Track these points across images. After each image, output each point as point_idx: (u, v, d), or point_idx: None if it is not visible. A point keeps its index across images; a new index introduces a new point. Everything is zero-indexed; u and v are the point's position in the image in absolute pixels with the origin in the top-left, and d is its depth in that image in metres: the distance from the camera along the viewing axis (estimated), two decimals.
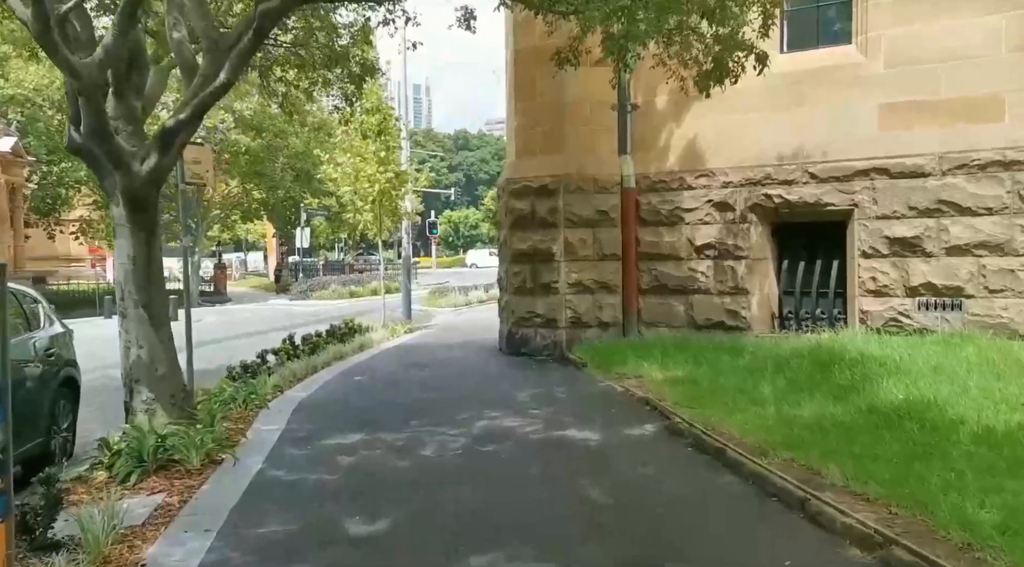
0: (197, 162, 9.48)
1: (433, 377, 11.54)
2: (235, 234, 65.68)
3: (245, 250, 74.24)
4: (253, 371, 11.12)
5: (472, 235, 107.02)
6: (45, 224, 35.64)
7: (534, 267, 12.69)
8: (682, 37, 8.80)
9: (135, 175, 7.21)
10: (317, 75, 12.08)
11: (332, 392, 10.64)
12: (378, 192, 19.24)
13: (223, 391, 9.62)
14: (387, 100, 20.12)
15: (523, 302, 12.84)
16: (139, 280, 7.58)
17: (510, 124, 13.63)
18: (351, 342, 15.79)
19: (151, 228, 7.64)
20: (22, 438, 6.64)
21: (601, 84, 12.03)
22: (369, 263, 61.17)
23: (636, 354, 10.88)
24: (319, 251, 69.35)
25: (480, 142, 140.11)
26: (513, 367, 12.11)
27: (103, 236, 40.31)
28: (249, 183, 42.45)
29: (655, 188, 12.40)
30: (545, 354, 12.61)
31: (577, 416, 8.28)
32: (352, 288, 37.41)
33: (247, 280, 58.42)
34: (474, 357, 13.46)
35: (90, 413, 8.94)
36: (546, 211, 12.57)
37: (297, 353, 13.18)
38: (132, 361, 7.70)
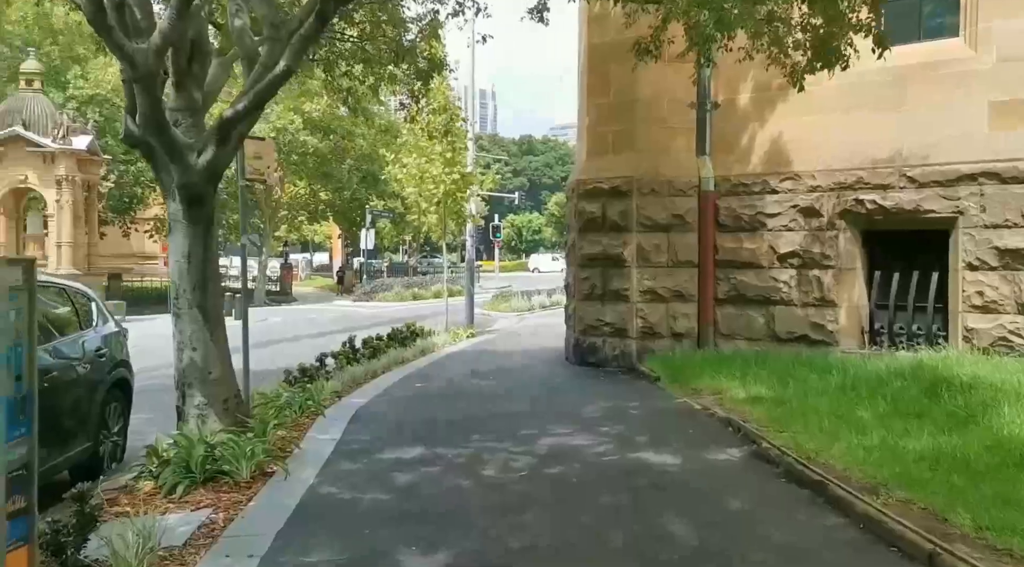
0: (258, 157, 9.14)
1: (496, 386, 11.01)
2: (302, 235, 66.71)
3: (312, 251, 75.22)
4: (311, 375, 10.77)
5: (535, 240, 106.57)
6: (121, 222, 36.53)
7: (604, 273, 12.06)
8: (774, 26, 8.10)
9: (191, 168, 6.86)
10: (383, 71, 11.71)
11: (391, 400, 10.20)
12: (443, 193, 18.87)
13: (279, 396, 9.26)
14: (454, 101, 19.71)
15: (592, 309, 12.21)
16: (194, 278, 7.24)
17: (581, 123, 13.03)
18: (412, 346, 15.41)
19: (207, 224, 7.29)
20: (69, 443, 6.35)
21: (679, 81, 11.40)
22: (432, 266, 61.23)
23: (713, 368, 10.15)
24: (383, 253, 69.80)
25: (545, 147, 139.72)
26: (580, 378, 11.49)
27: None
28: (316, 184, 42.85)
29: (735, 191, 11.64)
30: (614, 365, 11.96)
31: (652, 436, 7.63)
32: (415, 291, 37.27)
33: (312, 280, 59.00)
34: (538, 366, 12.88)
35: (148, 415, 8.68)
36: (617, 214, 11.92)
37: (357, 357, 12.82)
38: (185, 363, 7.36)
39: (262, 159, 9.23)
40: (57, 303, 6.76)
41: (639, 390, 10.35)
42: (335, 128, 40.30)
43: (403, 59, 11.55)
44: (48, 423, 6.06)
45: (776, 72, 10.64)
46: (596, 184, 12.13)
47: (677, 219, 11.82)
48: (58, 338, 6.42)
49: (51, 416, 6.04)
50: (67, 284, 7.27)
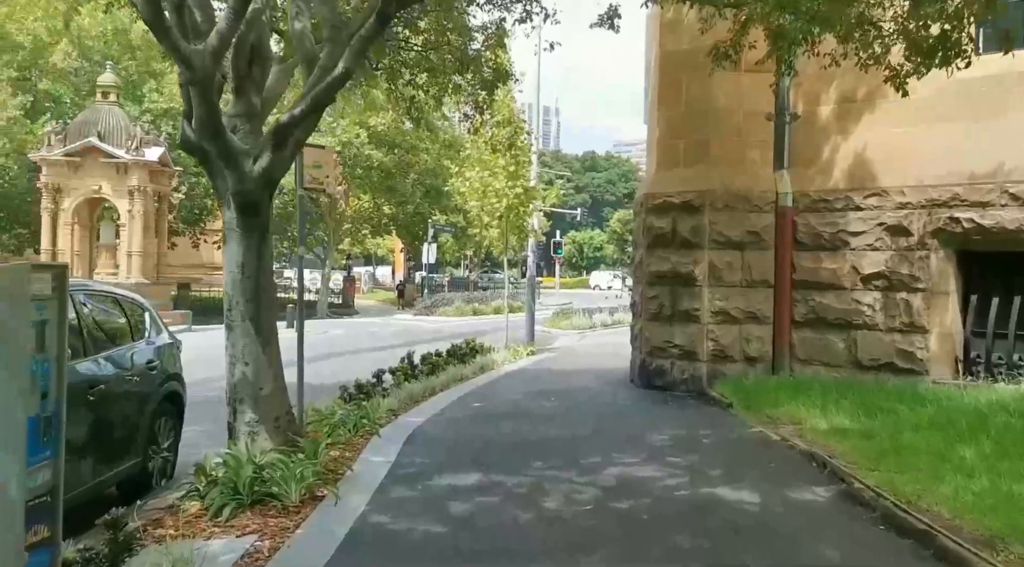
0: (318, 166, 8.91)
1: (558, 408, 10.53)
2: (365, 248, 67.39)
3: (375, 264, 75.97)
4: (367, 392, 10.47)
5: (596, 257, 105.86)
6: (191, 233, 37.31)
7: (673, 292, 11.50)
8: (866, 29, 7.51)
9: (246, 175, 6.61)
10: (447, 80, 11.45)
11: (449, 419, 9.81)
12: (505, 208, 18.52)
13: (333, 413, 8.96)
14: (518, 114, 19.40)
15: (659, 330, 11.65)
16: (247, 290, 6.98)
17: (651, 135, 12.53)
18: (472, 363, 15.05)
19: (262, 234, 7.04)
20: (117, 458, 6.12)
21: (755, 91, 10.84)
22: (493, 281, 61.05)
23: (791, 396, 9.49)
24: (445, 267, 70.01)
25: (608, 164, 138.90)
26: (647, 402, 10.93)
27: None
28: (380, 198, 43.12)
29: (815, 208, 10.97)
30: (682, 389, 11.36)
31: (728, 469, 7.05)
32: (475, 306, 37.06)
33: (374, 294, 59.45)
34: (602, 387, 12.35)
35: (205, 427, 8.48)
36: (689, 230, 11.36)
37: (415, 373, 12.50)
38: (237, 378, 7.10)
39: (322, 168, 8.99)
40: (109, 312, 6.57)
41: (710, 416, 9.74)
42: (400, 142, 40.51)
43: (467, 68, 11.27)
44: (96, 437, 5.86)
45: (861, 80, 10.08)
46: (666, 198, 11.60)
47: (752, 236, 11.20)
48: (108, 349, 6.21)
49: (99, 430, 5.83)
50: (120, 293, 7.09)
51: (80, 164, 25.07)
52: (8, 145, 29.55)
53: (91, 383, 5.70)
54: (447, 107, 39.06)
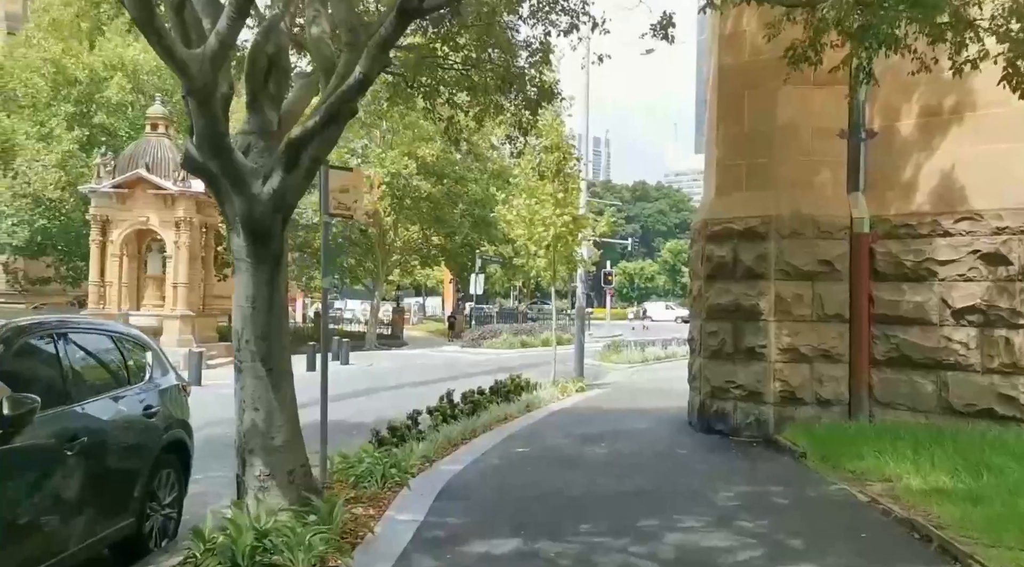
0: (344, 191, 8.18)
1: (608, 456, 9.52)
2: (415, 279, 67.21)
3: (424, 295, 75.81)
4: (401, 435, 9.63)
5: (647, 287, 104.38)
6: None
7: (736, 327, 10.46)
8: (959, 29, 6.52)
9: (255, 197, 5.89)
10: (488, 100, 10.71)
11: (488, 467, 8.89)
12: (553, 237, 17.66)
13: (360, 461, 8.13)
14: (567, 139, 18.62)
15: (720, 369, 10.59)
16: (258, 327, 6.23)
17: (709, 157, 11.58)
18: (516, 401, 14.13)
19: (274, 264, 6.29)
20: (102, 521, 5.34)
21: (826, 106, 9.88)
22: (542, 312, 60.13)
23: (874, 446, 8.36)
24: (495, 298, 69.33)
25: (659, 193, 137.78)
26: (708, 450, 9.85)
27: (293, 276, 41.88)
28: (428, 228, 42.79)
29: (896, 234, 9.86)
30: (747, 434, 10.26)
31: (812, 539, 5.99)
32: (523, 338, 36.16)
33: (424, 325, 59.02)
34: (657, 431, 11.30)
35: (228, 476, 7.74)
36: (752, 259, 10.34)
37: (455, 413, 11.64)
38: (246, 426, 6.32)
39: (349, 192, 8.26)
40: (101, 353, 5.85)
41: (781, 468, 8.63)
42: (448, 173, 40.20)
43: (510, 87, 10.52)
44: (77, 496, 5.13)
45: (948, 91, 9.03)
46: (727, 224, 10.60)
47: (824, 265, 10.12)
48: (96, 395, 5.47)
49: (80, 488, 5.07)
50: (117, 329, 6.36)
51: (128, 195, 25.02)
52: (64, 178, 29.87)
53: (70, 435, 4.95)
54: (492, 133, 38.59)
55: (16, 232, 30.27)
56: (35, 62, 33.54)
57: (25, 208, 30.33)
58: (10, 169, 30.27)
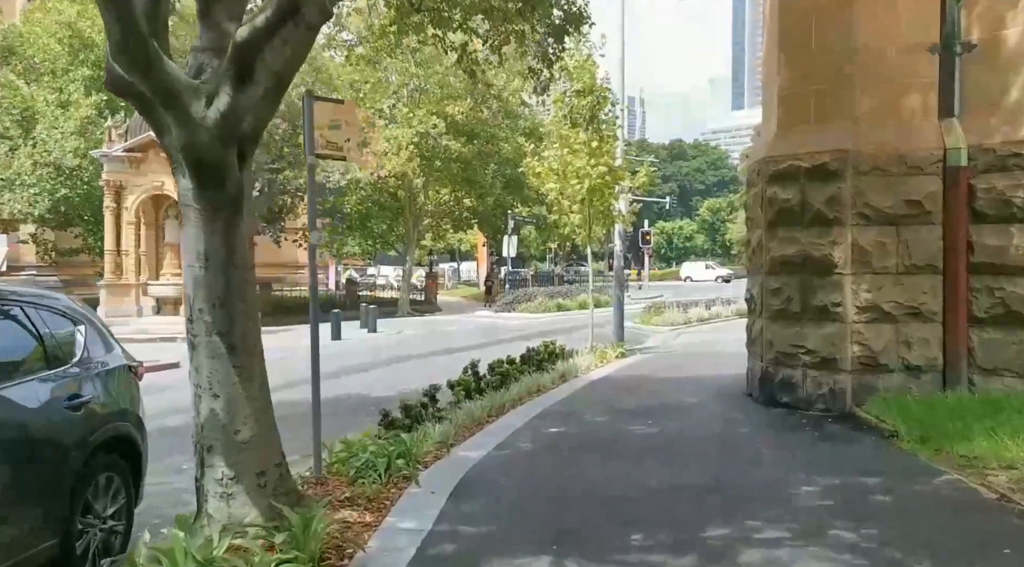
0: (335, 126, 6.77)
1: (657, 438, 8.08)
2: (448, 243, 65.98)
3: (459, 259, 74.78)
4: (416, 415, 8.34)
5: (686, 247, 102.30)
6: (271, 231, 36.37)
7: (804, 282, 8.91)
8: None
9: (196, 123, 4.51)
10: (507, 28, 9.19)
11: (514, 455, 7.53)
12: (588, 190, 16.12)
13: (364, 449, 6.84)
14: (602, 82, 16.95)
15: (785, 331, 9.08)
16: (213, 292, 4.90)
17: (770, 85, 9.91)
18: (551, 370, 12.79)
19: (232, 212, 4.93)
20: (7, 546, 4.11)
21: (912, 18, 8.21)
22: (579, 274, 58.61)
23: (984, 423, 6.85)
24: (530, 261, 67.89)
25: (696, 152, 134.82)
26: (776, 428, 8.35)
27: (324, 243, 40.83)
28: (460, 190, 41.40)
29: (1002, 165, 8.19)
30: (819, 407, 8.77)
31: (940, 558, 4.53)
32: (559, 301, 34.75)
33: (458, 290, 58.05)
34: (712, 405, 9.83)
35: None
36: (824, 201, 8.75)
37: (481, 386, 10.32)
38: (203, 417, 5.03)
39: (340, 129, 6.85)
40: (12, 328, 4.56)
41: (871, 453, 7.12)
42: (479, 132, 38.69)
43: (533, 10, 8.99)
44: None
45: None
46: (792, 162, 8.99)
47: (912, 207, 8.50)
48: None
49: None
50: (31, 296, 5.00)
51: (142, 160, 23.97)
52: (83, 146, 28.93)
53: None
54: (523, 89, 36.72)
55: (38, 201, 29.42)
56: (52, 26, 32.56)
57: (46, 177, 29.45)
58: (30, 137, 29.41)
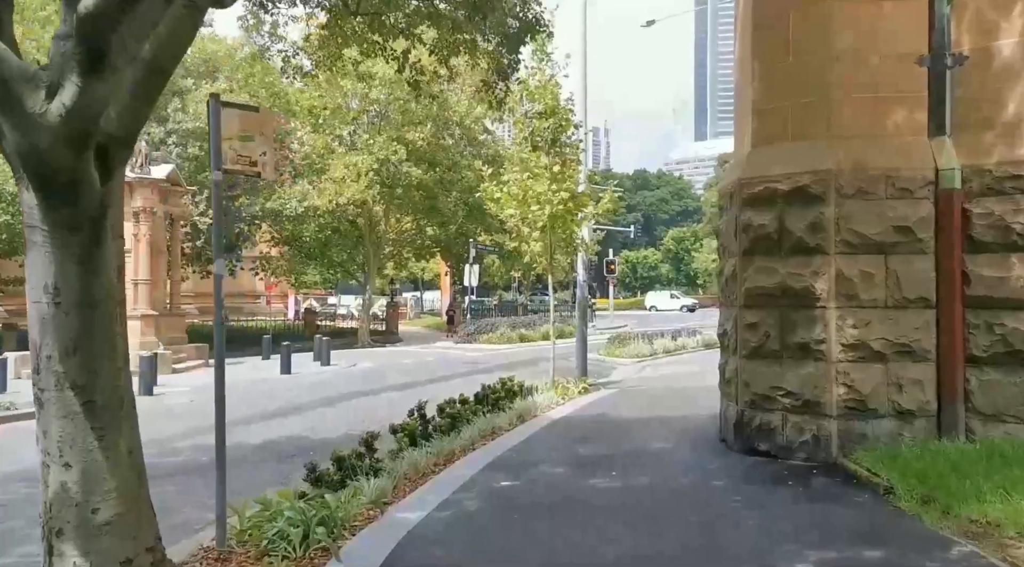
0: (246, 138, 5.80)
1: (623, 494, 7.10)
2: (410, 272, 64.82)
3: (422, 288, 73.72)
4: (350, 467, 7.30)
5: (651, 276, 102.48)
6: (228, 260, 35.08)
7: (783, 316, 8.07)
8: None
9: (35, 121, 3.52)
10: (456, 37, 8.34)
11: (461, 515, 6.50)
12: (549, 216, 15.27)
13: (278, 515, 5.79)
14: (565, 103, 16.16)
15: (764, 371, 8.21)
16: (66, 334, 3.87)
17: (743, 97, 9.13)
18: (508, 409, 11.80)
19: (90, 234, 3.91)
20: None
21: (898, 25, 7.48)
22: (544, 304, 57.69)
23: (994, 479, 6.00)
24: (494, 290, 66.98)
25: (659, 181, 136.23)
26: (755, 481, 7.40)
27: (282, 272, 39.60)
28: (422, 218, 40.51)
29: (1000, 188, 7.46)
30: (801, 456, 7.88)
31: None
32: (522, 331, 33.81)
33: (421, 319, 56.88)
34: (682, 451, 8.88)
35: None
36: (804, 228, 7.94)
37: (428, 431, 9.30)
38: (52, 493, 3.96)
39: (254, 142, 5.87)
40: None
41: (868, 517, 6.19)
42: (440, 159, 37.95)
43: (483, 18, 8.16)
44: None
45: None
46: (769, 184, 8.19)
47: (901, 233, 7.72)
48: None
49: None
50: None
51: None
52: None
53: None
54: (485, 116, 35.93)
55: None
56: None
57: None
58: None
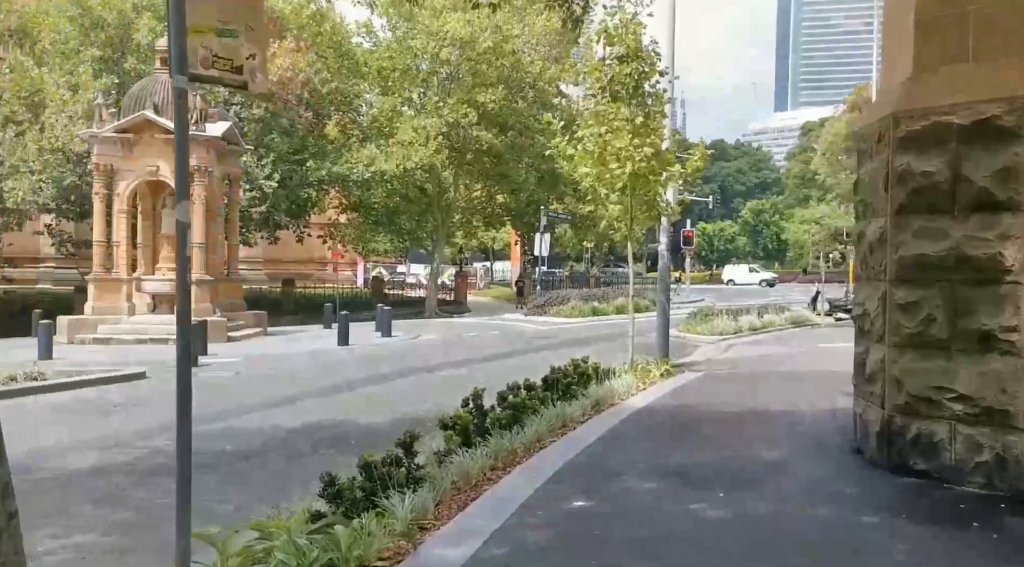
0: (228, 33, 4.13)
1: (741, 531, 5.22)
2: (480, 241, 63.45)
3: (492, 258, 72.58)
4: (382, 477, 5.69)
5: (727, 249, 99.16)
6: (295, 226, 34.30)
7: (955, 294, 6.05)
8: None
9: None
10: None
11: (520, 556, 4.81)
12: (630, 175, 13.35)
13: (268, 556, 4.21)
14: (650, 48, 14.12)
15: (923, 366, 6.21)
16: None
17: (897, 8, 7.00)
18: (581, 396, 10.10)
19: None
20: None
21: None
22: (616, 276, 55.64)
23: None
24: (566, 261, 65.18)
25: (737, 153, 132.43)
26: (921, 520, 5.35)
27: (350, 238, 38.66)
28: (492, 185, 38.94)
29: None
30: (978, 482, 5.89)
31: None
32: (594, 304, 32.01)
33: (491, 290, 55.64)
34: (806, 465, 6.92)
35: None
36: (990, 175, 5.88)
37: (485, 425, 7.66)
38: None
39: (238, 38, 4.20)
40: None
41: None
42: (512, 123, 36.20)
43: None
44: None
45: None
46: (940, 118, 6.12)
47: None
48: None
49: None
50: None
51: (135, 141, 21.70)
52: None
53: None
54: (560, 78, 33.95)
55: (42, 188, 27.37)
56: (63, 3, 30.68)
57: (53, 163, 27.42)
58: (38, 122, 27.44)
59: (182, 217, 4.05)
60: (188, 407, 4.05)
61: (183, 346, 4.10)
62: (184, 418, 4.04)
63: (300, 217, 34.57)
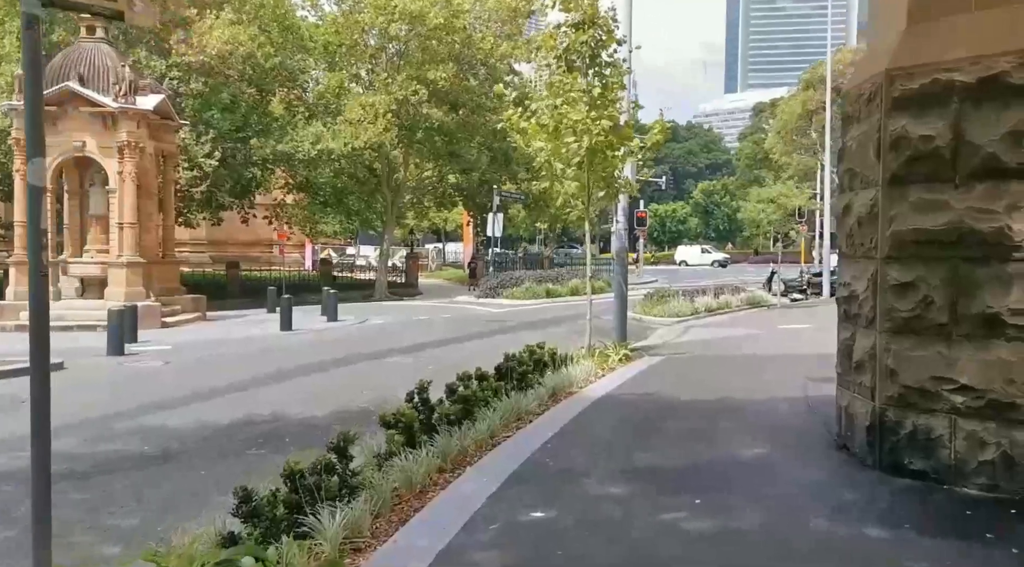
0: None
1: (727, 549, 4.53)
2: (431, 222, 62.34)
3: (444, 239, 71.55)
4: (312, 488, 4.86)
5: (679, 230, 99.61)
6: (239, 207, 32.84)
7: (956, 273, 5.41)
8: None
9: None
10: None
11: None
12: (587, 149, 12.59)
13: None
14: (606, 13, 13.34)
15: (920, 353, 5.57)
16: None
17: None
18: (537, 385, 9.37)
19: None
20: None
21: None
22: (570, 257, 54.93)
23: None
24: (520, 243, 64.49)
25: (688, 134, 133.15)
26: (930, 531, 4.64)
27: (297, 220, 37.35)
28: (444, 165, 37.87)
29: None
30: (979, 482, 5.28)
31: None
32: (548, 286, 31.32)
33: (443, 272, 54.64)
34: (792, 465, 6.22)
35: None
36: (998, 138, 5.23)
37: (432, 422, 6.87)
38: None
39: None
40: None
41: None
42: (464, 101, 35.14)
43: None
44: None
45: None
46: (939, 74, 5.45)
47: None
48: None
49: None
50: None
51: (58, 115, 20.16)
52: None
53: None
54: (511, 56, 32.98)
55: None
56: None
57: None
58: None
59: (34, 180, 3.15)
60: (47, 424, 3.17)
61: (39, 351, 3.21)
62: (43, 434, 3.16)
63: (244, 197, 33.06)
